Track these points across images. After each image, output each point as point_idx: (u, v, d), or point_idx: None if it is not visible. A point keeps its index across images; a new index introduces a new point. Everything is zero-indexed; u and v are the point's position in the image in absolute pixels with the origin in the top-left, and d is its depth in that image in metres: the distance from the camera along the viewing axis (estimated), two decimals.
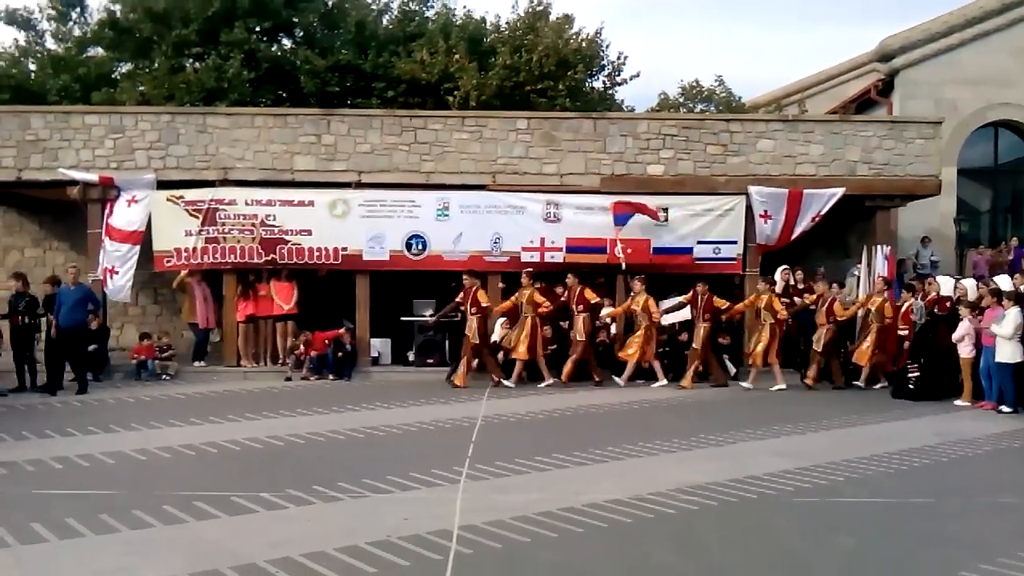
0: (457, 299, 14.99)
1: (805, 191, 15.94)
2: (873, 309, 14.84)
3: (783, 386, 14.44)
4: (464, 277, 15.00)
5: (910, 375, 13.82)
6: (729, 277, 16.20)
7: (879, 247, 16.14)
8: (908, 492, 8.08)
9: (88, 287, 14.66)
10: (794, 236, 16.21)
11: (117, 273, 15.70)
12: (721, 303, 14.85)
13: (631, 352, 14.79)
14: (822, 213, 16.04)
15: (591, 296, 14.94)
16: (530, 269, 15.21)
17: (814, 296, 15.33)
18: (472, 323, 14.61)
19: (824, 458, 9.26)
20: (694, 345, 14.80)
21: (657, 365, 14.95)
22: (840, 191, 15.97)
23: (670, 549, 6.43)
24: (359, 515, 7.15)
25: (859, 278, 16.44)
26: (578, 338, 14.79)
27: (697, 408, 12.95)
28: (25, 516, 6.96)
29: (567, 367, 14.74)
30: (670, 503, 7.50)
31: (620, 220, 15.65)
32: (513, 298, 15.07)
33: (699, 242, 16.07)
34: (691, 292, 14.88)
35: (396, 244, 15.89)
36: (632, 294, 15.20)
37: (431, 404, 12.88)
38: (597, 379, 14.87)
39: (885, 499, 7.82)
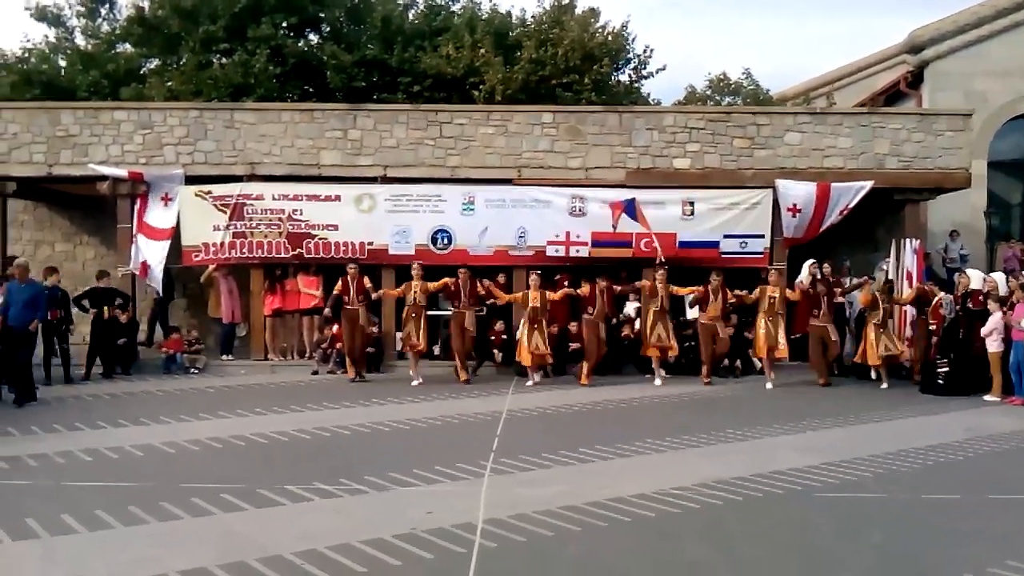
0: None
1: (833, 184, 15.82)
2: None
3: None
4: (460, 270, 14.88)
5: (939, 370, 13.69)
6: (756, 271, 16.10)
7: (908, 241, 15.97)
8: (935, 488, 8.01)
9: (41, 286, 13.44)
10: (822, 230, 16.10)
11: (150, 268, 15.89)
12: (741, 295, 14.67)
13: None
14: (850, 206, 15.91)
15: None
16: (538, 272, 14.89)
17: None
18: (468, 315, 14.56)
19: (850, 453, 9.20)
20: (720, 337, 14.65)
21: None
22: (869, 184, 15.83)
23: (695, 544, 6.42)
24: (384, 508, 7.20)
25: (887, 272, 16.26)
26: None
27: (721, 403, 12.90)
28: (55, 508, 7.06)
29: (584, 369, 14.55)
30: (695, 498, 7.48)
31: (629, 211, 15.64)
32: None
33: (726, 236, 15.99)
34: (704, 285, 14.71)
35: (422, 238, 15.93)
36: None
37: (456, 398, 12.93)
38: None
39: (912, 495, 7.76)
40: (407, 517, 6.85)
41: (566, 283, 15.17)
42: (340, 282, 14.74)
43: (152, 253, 15.86)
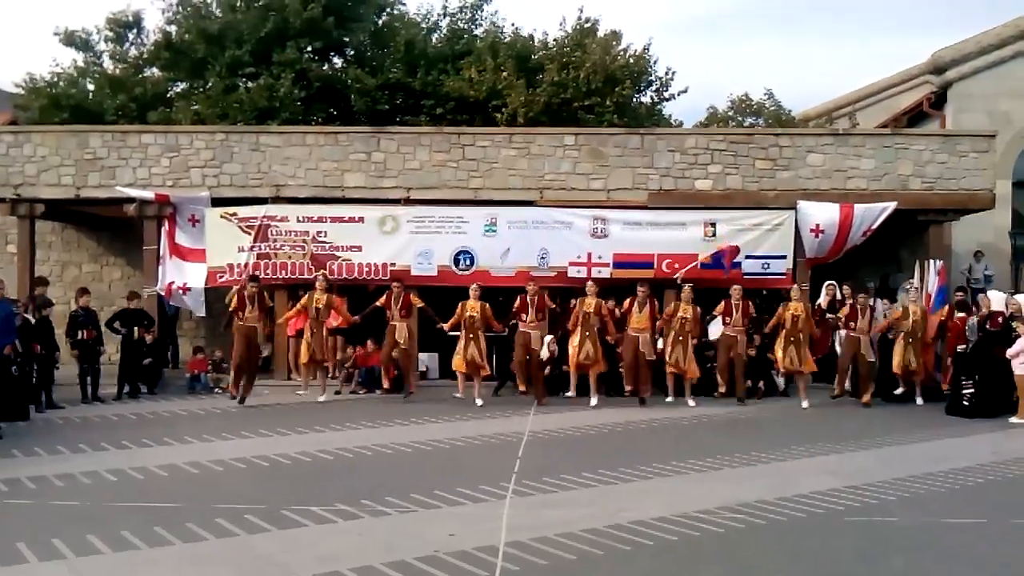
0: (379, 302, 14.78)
1: (856, 205, 15.78)
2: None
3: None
4: (393, 284, 14.82)
5: (964, 391, 13.58)
6: (778, 292, 16.05)
7: (932, 262, 15.90)
8: (961, 512, 7.93)
9: (9, 307, 12.68)
10: (845, 251, 16.07)
11: (191, 290, 16.07)
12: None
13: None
14: (873, 228, 15.87)
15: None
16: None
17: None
18: (402, 328, 14.48)
19: (874, 476, 9.13)
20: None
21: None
22: (892, 205, 15.78)
23: (717, 568, 6.40)
24: (407, 530, 7.22)
25: (910, 293, 16.15)
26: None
27: (744, 424, 12.85)
28: (82, 528, 7.12)
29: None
30: (717, 521, 7.45)
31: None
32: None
33: (748, 257, 15.98)
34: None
35: (444, 259, 16.03)
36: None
37: (478, 419, 12.94)
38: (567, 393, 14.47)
39: (937, 519, 7.69)
40: (429, 539, 6.87)
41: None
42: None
43: (191, 275, 16.07)
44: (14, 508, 7.90)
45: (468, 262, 16.07)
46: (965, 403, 13.51)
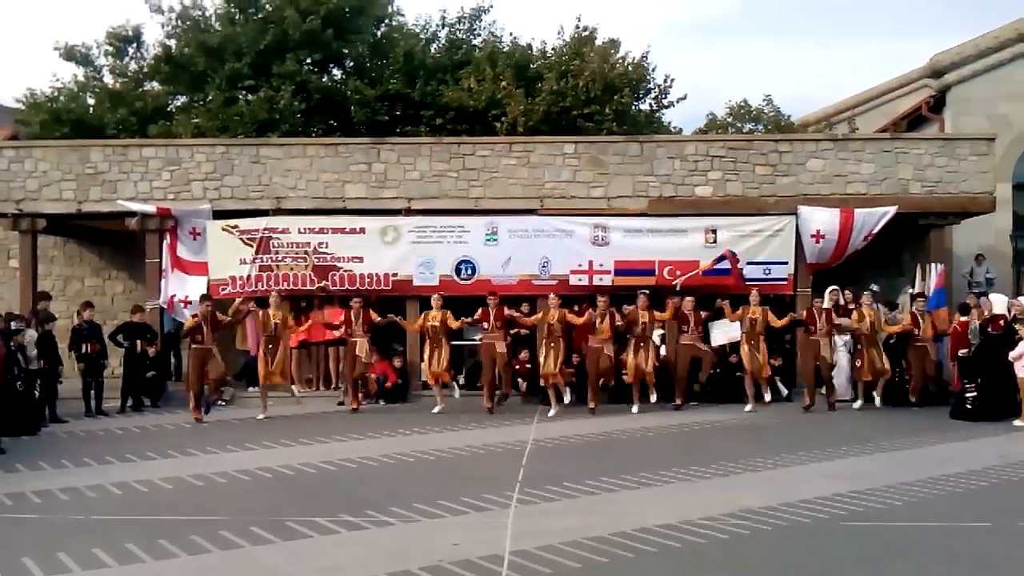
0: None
1: (857, 210, 15.79)
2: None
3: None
4: (353, 301, 14.94)
5: (967, 395, 13.58)
6: (780, 298, 16.05)
7: (933, 265, 15.91)
8: (967, 516, 7.92)
9: None
10: (846, 255, 16.07)
11: (192, 303, 16.07)
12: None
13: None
14: (874, 232, 15.86)
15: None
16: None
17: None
18: (363, 344, 14.56)
19: (879, 481, 9.12)
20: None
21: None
22: (892, 210, 15.79)
23: (722, 575, 6.39)
24: (411, 540, 7.22)
25: (912, 296, 16.15)
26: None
27: (747, 431, 12.84)
28: (86, 541, 7.13)
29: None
30: (721, 528, 7.45)
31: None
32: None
33: (749, 263, 15.98)
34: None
35: (446, 269, 16.05)
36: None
37: (481, 428, 12.95)
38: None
39: (943, 523, 7.69)
40: (434, 549, 6.87)
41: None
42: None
43: (193, 288, 16.08)
44: (19, 522, 7.92)
45: (470, 271, 16.09)
46: (968, 406, 13.50)
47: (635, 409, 14.25)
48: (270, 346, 14.40)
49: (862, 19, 67.29)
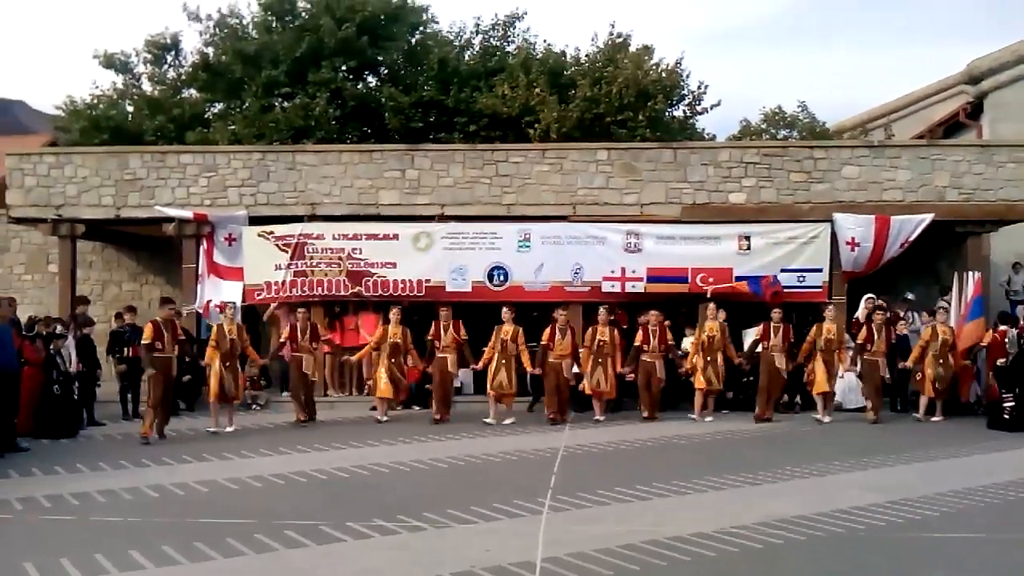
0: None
1: (893, 217, 15.66)
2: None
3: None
4: (298, 311, 14.78)
5: (1005, 405, 13.40)
6: (814, 305, 15.93)
7: (970, 274, 15.72)
8: (1004, 527, 7.83)
9: (8, 329, 12.02)
10: (882, 263, 15.92)
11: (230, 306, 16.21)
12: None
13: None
14: (910, 239, 15.73)
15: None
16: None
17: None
18: (310, 360, 14.31)
19: (915, 491, 9.04)
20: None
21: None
22: (929, 217, 15.64)
23: None
24: (444, 545, 7.25)
25: (950, 306, 15.93)
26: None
27: (780, 439, 12.76)
28: (123, 543, 7.23)
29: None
30: (755, 537, 7.41)
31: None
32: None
33: (783, 270, 15.88)
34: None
35: (478, 275, 16.10)
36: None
37: (513, 434, 12.97)
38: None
39: (980, 534, 7.60)
40: (466, 555, 6.90)
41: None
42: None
43: (228, 293, 16.24)
44: (58, 524, 8.04)
45: (502, 278, 16.13)
46: (1006, 416, 13.33)
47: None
48: (227, 363, 13.42)
49: (898, 25, 66.70)
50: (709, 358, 14.35)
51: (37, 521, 8.14)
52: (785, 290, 15.76)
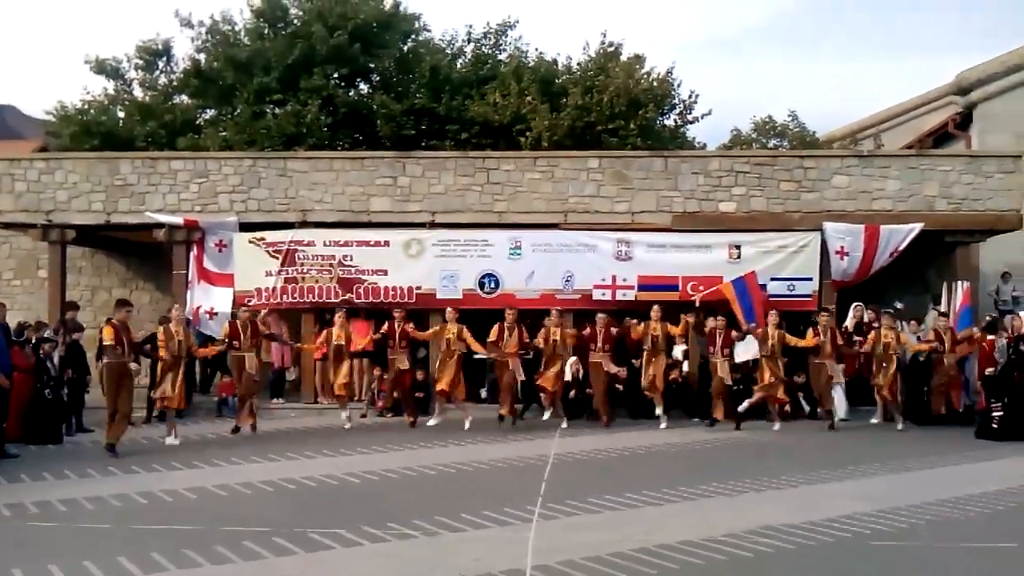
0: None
1: (882, 227, 15.74)
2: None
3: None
4: (241, 310, 14.70)
5: (993, 414, 13.44)
6: (805, 314, 15.97)
7: (959, 283, 15.79)
8: (992, 537, 7.86)
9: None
10: (872, 272, 15.99)
11: (218, 315, 16.17)
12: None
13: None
14: (900, 249, 15.80)
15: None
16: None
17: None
18: (252, 359, 13.97)
19: (903, 500, 9.06)
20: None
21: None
22: (918, 227, 15.72)
23: None
24: (433, 553, 7.25)
25: (937, 316, 15.95)
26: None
27: (770, 447, 12.78)
28: (111, 550, 7.20)
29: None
30: (744, 545, 7.42)
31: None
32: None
33: (773, 279, 15.93)
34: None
35: (469, 283, 16.11)
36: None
37: (503, 442, 12.96)
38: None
39: (967, 543, 7.62)
40: (455, 563, 6.89)
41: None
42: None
43: (219, 299, 16.21)
44: (45, 530, 8.01)
45: (493, 285, 16.14)
46: (995, 426, 13.36)
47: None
48: (172, 368, 13.01)
49: (888, 36, 67.03)
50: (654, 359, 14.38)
51: (25, 527, 8.11)
52: (774, 298, 15.78)
